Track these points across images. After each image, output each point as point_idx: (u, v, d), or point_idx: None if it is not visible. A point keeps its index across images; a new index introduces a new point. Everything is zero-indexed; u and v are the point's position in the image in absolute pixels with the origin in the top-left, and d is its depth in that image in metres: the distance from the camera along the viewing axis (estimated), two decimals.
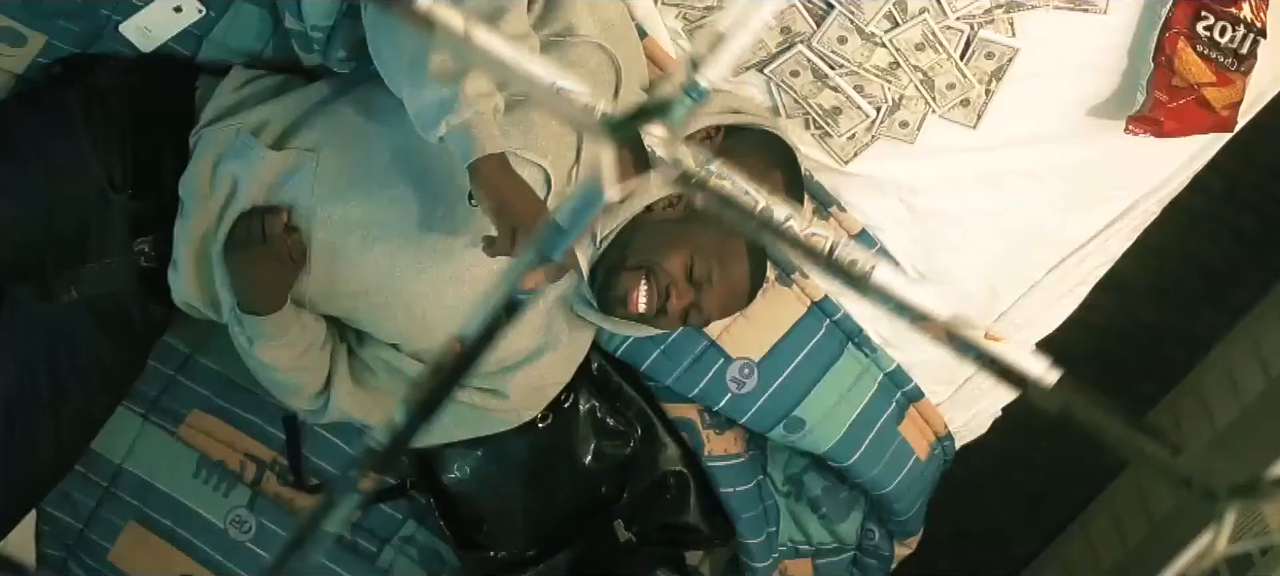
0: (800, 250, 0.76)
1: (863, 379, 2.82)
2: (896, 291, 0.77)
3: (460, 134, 2.09)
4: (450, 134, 2.09)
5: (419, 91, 2.13)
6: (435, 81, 2.09)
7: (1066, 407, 0.79)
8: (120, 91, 2.51)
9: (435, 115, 2.10)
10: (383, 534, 3.08)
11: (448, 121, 2.08)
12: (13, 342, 2.57)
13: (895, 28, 2.56)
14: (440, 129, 2.09)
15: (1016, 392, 0.79)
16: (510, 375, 2.56)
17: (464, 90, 2.08)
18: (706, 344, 2.75)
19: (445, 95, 2.08)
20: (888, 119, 2.62)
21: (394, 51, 2.20)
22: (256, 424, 2.97)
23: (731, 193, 0.75)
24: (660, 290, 2.40)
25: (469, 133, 2.08)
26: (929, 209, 2.72)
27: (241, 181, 2.40)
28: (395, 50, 2.19)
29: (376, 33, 2.24)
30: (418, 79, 2.12)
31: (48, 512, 3.03)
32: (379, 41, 2.24)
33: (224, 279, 2.40)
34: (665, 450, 2.94)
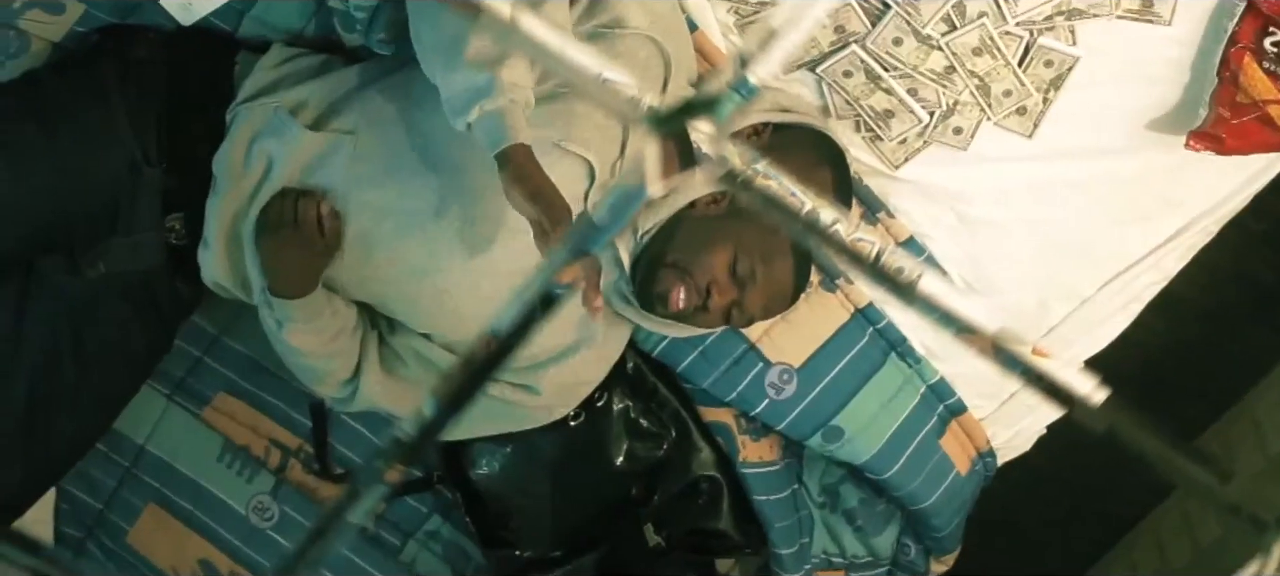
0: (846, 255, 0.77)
1: (905, 390, 2.82)
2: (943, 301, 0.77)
3: (493, 119, 2.09)
4: (481, 120, 2.09)
5: (453, 74, 2.13)
6: (472, 66, 2.10)
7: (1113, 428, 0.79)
8: (157, 64, 2.52)
9: (468, 99, 2.10)
10: (407, 527, 3.09)
11: (481, 106, 2.08)
12: (39, 316, 2.59)
13: (953, 31, 2.55)
14: (472, 113, 2.09)
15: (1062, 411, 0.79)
16: (543, 370, 2.56)
17: (500, 77, 2.08)
18: (745, 347, 2.75)
19: (481, 81, 2.09)
20: (941, 124, 2.61)
21: (433, 34, 2.20)
22: (283, 409, 2.99)
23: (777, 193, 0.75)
24: (701, 288, 2.40)
25: (502, 119, 2.08)
26: (979, 218, 2.71)
27: (277, 161, 2.41)
28: (434, 33, 2.20)
29: (418, 15, 2.25)
30: (454, 62, 2.13)
31: (67, 491, 3.06)
32: (419, 24, 2.24)
33: (255, 260, 2.41)
34: (699, 454, 2.94)
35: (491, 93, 2.08)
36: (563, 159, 2.31)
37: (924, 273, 0.77)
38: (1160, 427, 0.79)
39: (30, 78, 2.53)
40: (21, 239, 2.51)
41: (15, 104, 2.47)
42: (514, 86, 2.09)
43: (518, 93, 2.10)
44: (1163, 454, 0.80)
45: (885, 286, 0.78)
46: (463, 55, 2.11)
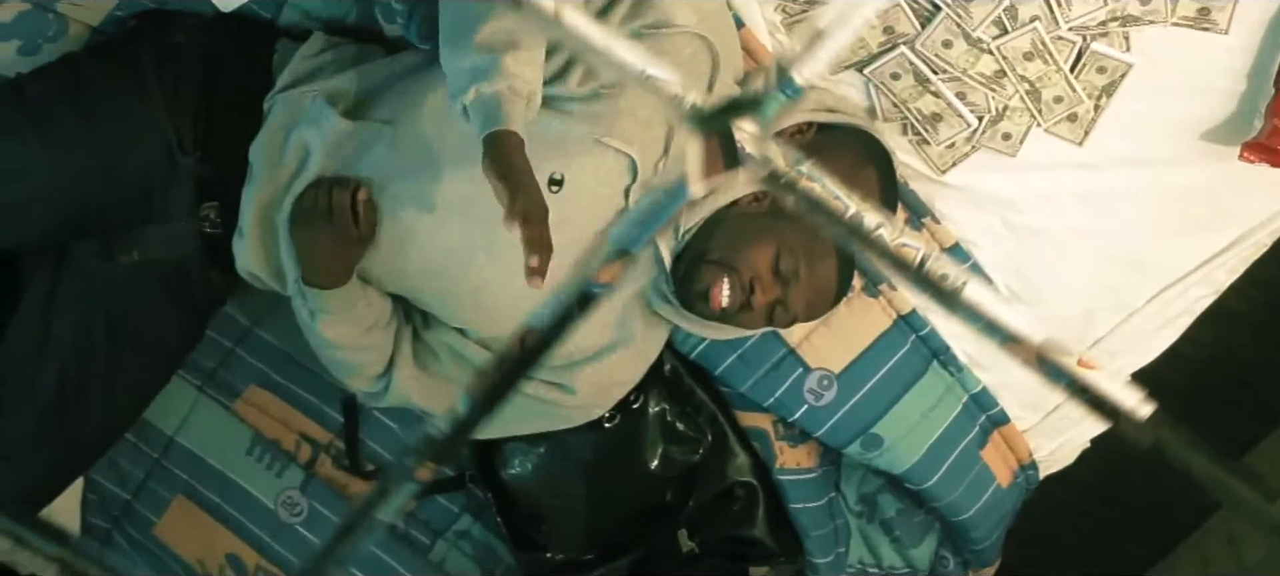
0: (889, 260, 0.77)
1: (946, 399, 2.82)
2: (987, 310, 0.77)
3: (489, 102, 2.08)
4: (477, 101, 2.09)
5: (459, 54, 2.13)
6: (478, 48, 2.10)
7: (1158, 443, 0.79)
8: (196, 50, 2.54)
9: (468, 80, 2.09)
10: (437, 526, 3.10)
11: (478, 87, 2.08)
12: (71, 301, 2.61)
13: (1004, 35, 2.55)
14: (469, 94, 2.09)
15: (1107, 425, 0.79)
16: (579, 370, 2.57)
17: (504, 61, 2.08)
18: (785, 351, 2.75)
19: (483, 62, 2.08)
20: (990, 129, 2.61)
21: (451, 18, 2.20)
22: (314, 404, 3.00)
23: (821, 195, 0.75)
24: (744, 285, 2.40)
25: (499, 103, 2.07)
26: (1027, 226, 2.71)
27: (313, 150, 2.42)
28: (452, 17, 2.20)
29: (445, 7, 2.25)
30: (462, 42, 2.13)
31: (95, 481, 3.07)
32: (444, 8, 2.24)
33: (289, 249, 2.43)
34: (735, 459, 2.94)
35: (490, 76, 2.07)
36: (605, 155, 2.31)
37: (969, 280, 0.78)
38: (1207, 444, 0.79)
39: (67, 61, 2.55)
40: (56, 224, 2.52)
41: (52, 88, 2.49)
42: (516, 76, 2.09)
43: (520, 83, 2.09)
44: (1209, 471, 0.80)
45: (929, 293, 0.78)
46: (473, 36, 2.11)
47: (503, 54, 2.08)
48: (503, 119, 2.06)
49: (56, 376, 2.61)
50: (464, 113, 2.11)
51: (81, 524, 3.10)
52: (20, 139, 2.44)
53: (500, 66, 2.07)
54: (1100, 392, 0.78)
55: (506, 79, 2.07)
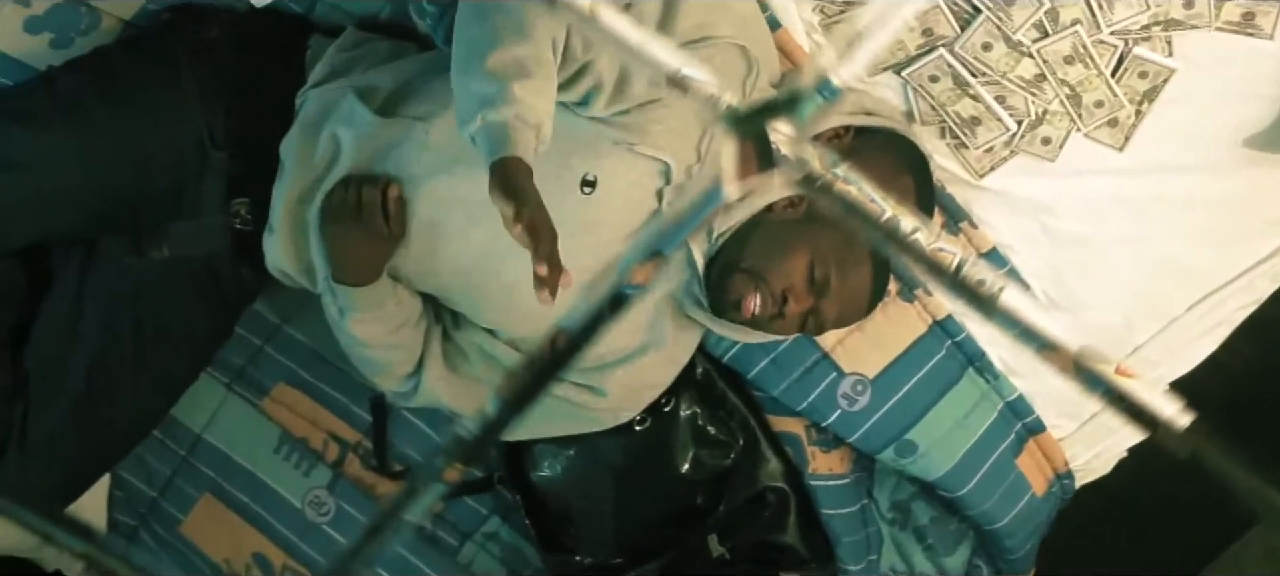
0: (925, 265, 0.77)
1: (981, 406, 2.81)
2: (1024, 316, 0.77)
3: (496, 130, 2.05)
4: (484, 129, 2.06)
5: (468, 79, 2.12)
6: (488, 75, 2.08)
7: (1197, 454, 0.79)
8: (228, 45, 2.54)
9: (475, 107, 2.07)
10: (465, 528, 3.10)
11: (485, 115, 2.05)
12: (100, 297, 2.61)
13: (1044, 38, 2.54)
14: (476, 122, 2.06)
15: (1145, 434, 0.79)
16: (609, 372, 2.57)
17: (512, 89, 2.05)
18: (819, 356, 2.75)
19: (491, 90, 2.06)
20: (1029, 133, 2.60)
21: (462, 40, 2.19)
22: (343, 403, 3.01)
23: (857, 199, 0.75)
24: (776, 297, 2.40)
25: (506, 131, 2.04)
26: (1065, 232, 2.70)
27: (345, 146, 2.43)
28: (464, 40, 2.19)
29: (461, 20, 2.24)
30: (472, 67, 2.11)
31: (122, 477, 3.08)
32: (459, 27, 2.23)
33: (319, 247, 2.43)
34: (767, 464, 2.94)
35: (498, 104, 2.04)
36: (636, 161, 2.32)
37: (1006, 286, 0.77)
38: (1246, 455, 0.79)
39: (100, 54, 2.56)
40: (86, 218, 2.53)
41: (84, 81, 2.50)
42: (525, 104, 2.06)
43: (528, 111, 2.05)
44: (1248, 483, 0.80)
45: (965, 298, 0.78)
46: (484, 61, 2.09)
47: (512, 82, 2.06)
48: (510, 146, 2.03)
49: (85, 372, 2.62)
50: (472, 141, 2.09)
51: (108, 520, 3.11)
52: (51, 132, 2.45)
53: (509, 94, 2.05)
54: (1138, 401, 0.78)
55: (515, 107, 2.04)
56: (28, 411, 2.61)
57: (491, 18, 2.13)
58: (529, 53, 2.09)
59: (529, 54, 2.09)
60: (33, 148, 2.46)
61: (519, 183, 2.00)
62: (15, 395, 2.61)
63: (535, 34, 2.11)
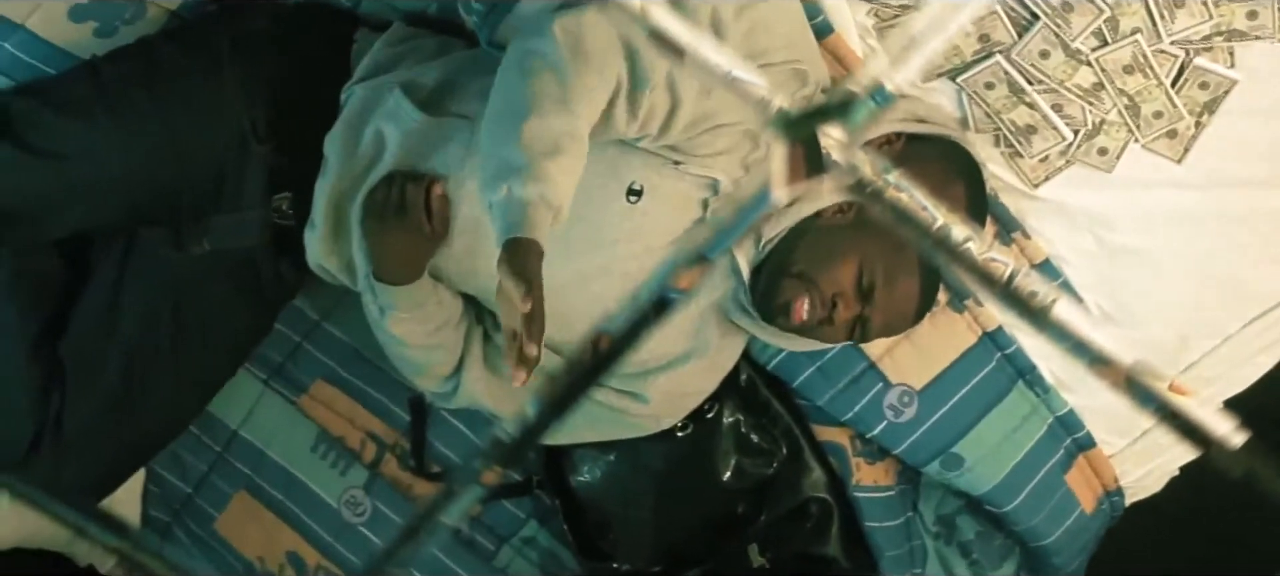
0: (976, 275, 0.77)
1: (1031, 420, 2.80)
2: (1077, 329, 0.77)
3: (517, 206, 2.04)
4: (506, 201, 2.05)
5: (499, 142, 2.11)
6: (521, 144, 2.07)
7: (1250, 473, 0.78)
8: (274, 38, 2.55)
9: (502, 175, 2.06)
10: (502, 532, 3.10)
11: (511, 186, 2.04)
12: (139, 290, 2.62)
13: (1103, 46, 2.53)
14: (499, 192, 2.05)
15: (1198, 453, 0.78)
16: (652, 378, 2.57)
17: (544, 166, 2.05)
18: (865, 365, 2.75)
19: (522, 159, 2.05)
20: (1086, 143, 2.59)
21: (501, 99, 2.19)
22: (381, 402, 3.01)
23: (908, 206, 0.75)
24: (826, 301, 2.39)
25: (525, 210, 2.03)
26: (1120, 245, 2.68)
27: (389, 143, 2.43)
28: (502, 99, 2.19)
29: (507, 68, 2.24)
30: (505, 130, 2.11)
31: (157, 473, 3.10)
32: (503, 77, 2.23)
33: (361, 244, 2.43)
34: (810, 474, 2.93)
35: (525, 178, 2.04)
36: (681, 179, 2.31)
37: (1058, 298, 0.77)
38: None
39: (144, 44, 2.57)
40: (127, 209, 2.54)
41: (128, 70, 2.51)
42: (552, 183, 2.05)
43: (552, 193, 2.05)
44: None
45: (1017, 310, 0.78)
46: (517, 131, 2.08)
47: (544, 159, 2.05)
48: (527, 227, 2.03)
49: (122, 365, 2.62)
50: (489, 206, 2.09)
51: (142, 516, 3.12)
52: (93, 121, 2.46)
53: (538, 171, 2.04)
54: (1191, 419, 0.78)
55: (541, 186, 2.04)
56: (64, 404, 2.62)
57: (536, 79, 2.14)
58: (565, 127, 2.09)
59: (565, 129, 2.09)
60: (75, 137, 2.47)
61: (530, 266, 2.01)
62: (51, 387, 2.62)
63: (576, 107, 2.12)
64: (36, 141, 2.46)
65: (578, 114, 2.11)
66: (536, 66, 2.14)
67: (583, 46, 2.14)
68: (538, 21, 2.22)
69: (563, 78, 2.11)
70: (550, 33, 2.16)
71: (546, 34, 2.16)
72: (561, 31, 2.15)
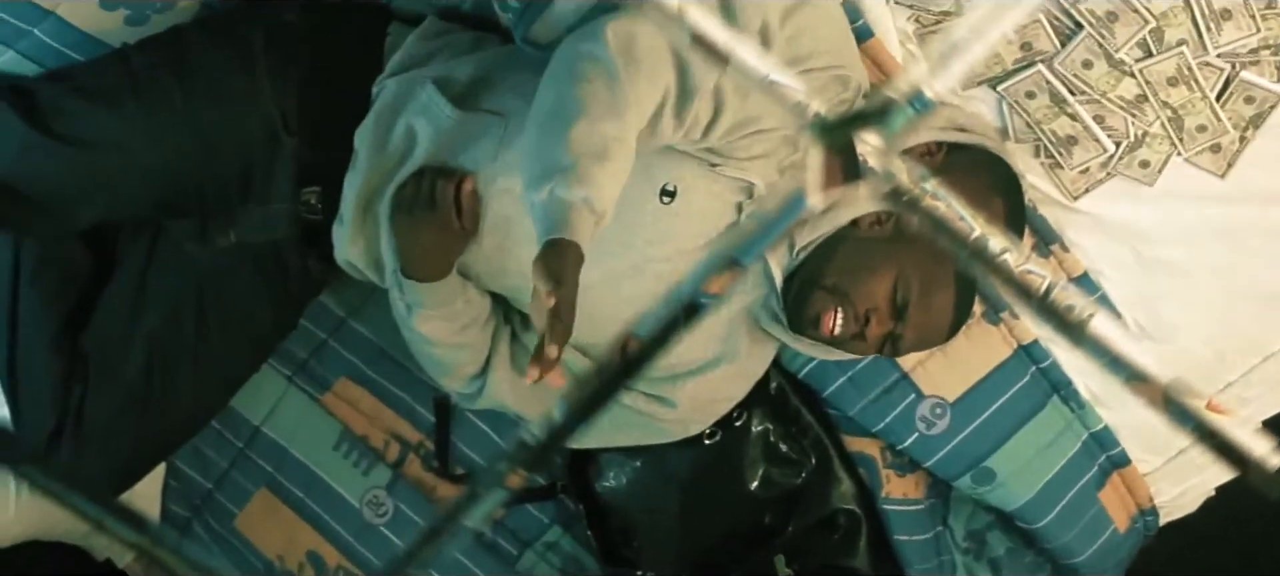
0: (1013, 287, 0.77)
1: (1065, 436, 2.79)
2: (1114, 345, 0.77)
3: (559, 207, 2.03)
4: (548, 202, 2.04)
5: (545, 142, 2.10)
6: (567, 145, 2.06)
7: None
8: (306, 30, 2.55)
9: (546, 175, 2.05)
10: (525, 536, 3.10)
11: (554, 188, 2.03)
12: (164, 282, 2.63)
13: (1148, 57, 2.51)
14: (542, 192, 2.04)
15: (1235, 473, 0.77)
16: (681, 383, 2.57)
17: (589, 168, 2.03)
18: (898, 376, 2.74)
19: (567, 160, 2.04)
20: (1127, 156, 2.58)
21: (550, 92, 2.19)
22: (406, 402, 3.01)
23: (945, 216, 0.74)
24: (857, 314, 2.38)
25: (568, 212, 2.02)
26: (1160, 259, 2.67)
27: (421, 138, 2.42)
28: (551, 96, 2.18)
29: (555, 69, 2.23)
30: (552, 131, 2.10)
31: (178, 468, 3.10)
32: (551, 77, 2.22)
33: (389, 239, 2.43)
34: (839, 485, 2.93)
35: (570, 180, 2.02)
36: (716, 181, 2.31)
37: (1095, 312, 0.77)
38: None
39: (175, 34, 2.57)
40: (153, 200, 2.55)
41: (158, 60, 2.51)
42: (597, 187, 2.03)
43: (596, 198, 2.03)
44: None
45: (1053, 324, 0.78)
46: (565, 133, 2.07)
47: (590, 162, 2.04)
48: (568, 229, 2.01)
49: (144, 357, 2.63)
50: (530, 206, 2.08)
51: (161, 511, 3.12)
52: (122, 110, 2.46)
53: (583, 174, 2.03)
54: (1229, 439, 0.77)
55: (586, 188, 2.02)
56: (85, 396, 2.62)
57: (585, 84, 2.13)
58: (613, 133, 2.08)
59: (613, 134, 2.08)
60: (102, 126, 2.47)
61: (564, 267, 2.00)
62: (73, 378, 2.63)
63: (626, 115, 2.10)
64: (63, 129, 2.46)
65: (627, 121, 2.10)
66: (588, 70, 2.13)
67: (635, 52, 2.14)
68: (590, 24, 2.22)
69: (614, 83, 2.10)
70: (603, 37, 2.15)
71: (599, 38, 2.16)
72: (614, 36, 2.15)
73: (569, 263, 2.00)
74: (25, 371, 2.66)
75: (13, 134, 2.46)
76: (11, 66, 2.57)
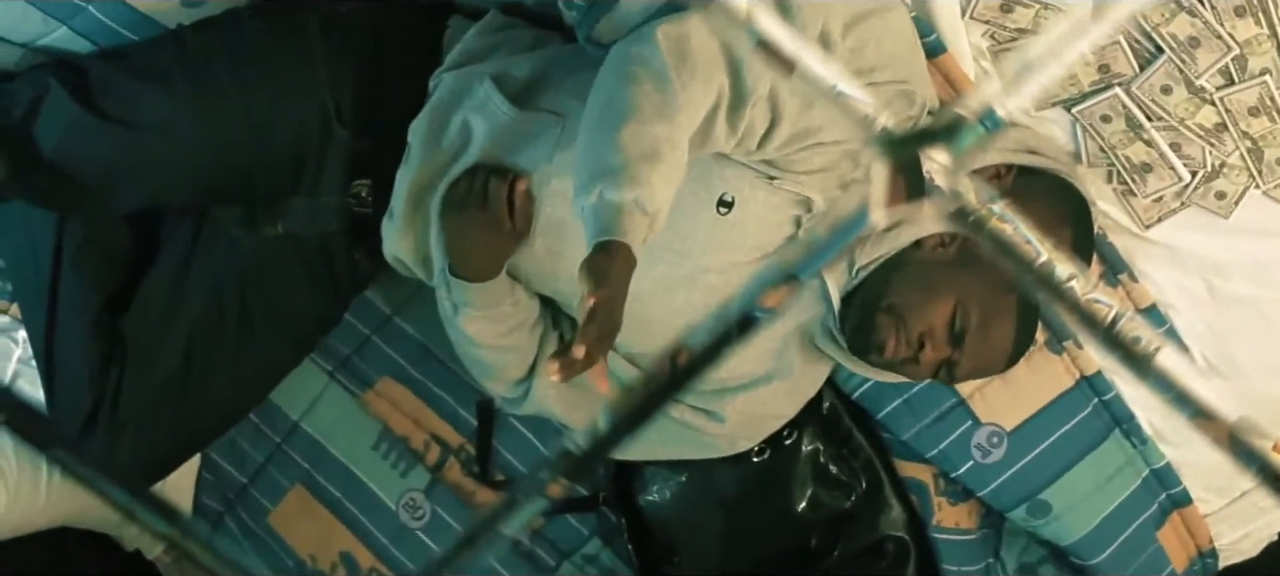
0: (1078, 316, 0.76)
1: (1125, 471, 2.78)
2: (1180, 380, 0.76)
3: (609, 209, 2.01)
4: (598, 205, 2.02)
5: (596, 144, 2.10)
6: (618, 146, 2.05)
7: None
8: (364, 19, 2.56)
9: (596, 177, 2.04)
10: (564, 547, 3.10)
11: (604, 190, 2.01)
12: (207, 270, 2.64)
13: (1230, 86, 2.49)
14: (592, 195, 2.03)
15: None
16: (730, 398, 2.56)
17: (640, 169, 2.02)
18: (955, 402, 2.73)
19: (617, 162, 2.03)
20: (1203, 186, 2.56)
21: (601, 94, 2.18)
22: (448, 404, 3.02)
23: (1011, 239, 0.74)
24: (913, 341, 2.36)
25: (619, 214, 2.01)
26: (1232, 294, 2.65)
27: (476, 135, 2.42)
28: (603, 94, 2.18)
29: (607, 71, 2.23)
30: (602, 132, 2.10)
31: (213, 460, 3.11)
32: (604, 78, 2.22)
33: (439, 236, 2.43)
34: (889, 511, 2.92)
35: (621, 182, 2.01)
36: (774, 193, 2.30)
37: (1163, 345, 0.76)
38: None
39: (231, 17, 2.58)
40: (200, 185, 2.56)
41: (213, 43, 2.52)
42: (648, 188, 2.02)
43: (648, 199, 2.02)
44: None
45: (1118, 355, 0.77)
46: (615, 135, 2.06)
47: (641, 163, 2.03)
48: (619, 231, 2.00)
49: (184, 345, 2.64)
50: (581, 211, 2.06)
51: (194, 503, 3.13)
52: (173, 93, 2.48)
53: (634, 175, 2.01)
54: None
55: (637, 190, 2.01)
56: (122, 381, 2.63)
57: (635, 87, 2.12)
58: (666, 134, 2.07)
59: (665, 136, 2.07)
60: (152, 107, 2.48)
61: (612, 270, 1.99)
62: (111, 363, 2.64)
63: (678, 116, 2.09)
64: (113, 109, 2.47)
65: (678, 122, 2.09)
66: (638, 72, 2.13)
67: (687, 55, 2.13)
68: (641, 27, 2.21)
69: (665, 84, 2.10)
70: (654, 39, 2.15)
71: (650, 40, 2.15)
72: (665, 38, 2.14)
73: (618, 265, 1.99)
74: (62, 354, 2.67)
75: (61, 112, 2.47)
76: (64, 43, 2.58)
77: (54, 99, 2.48)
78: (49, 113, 2.49)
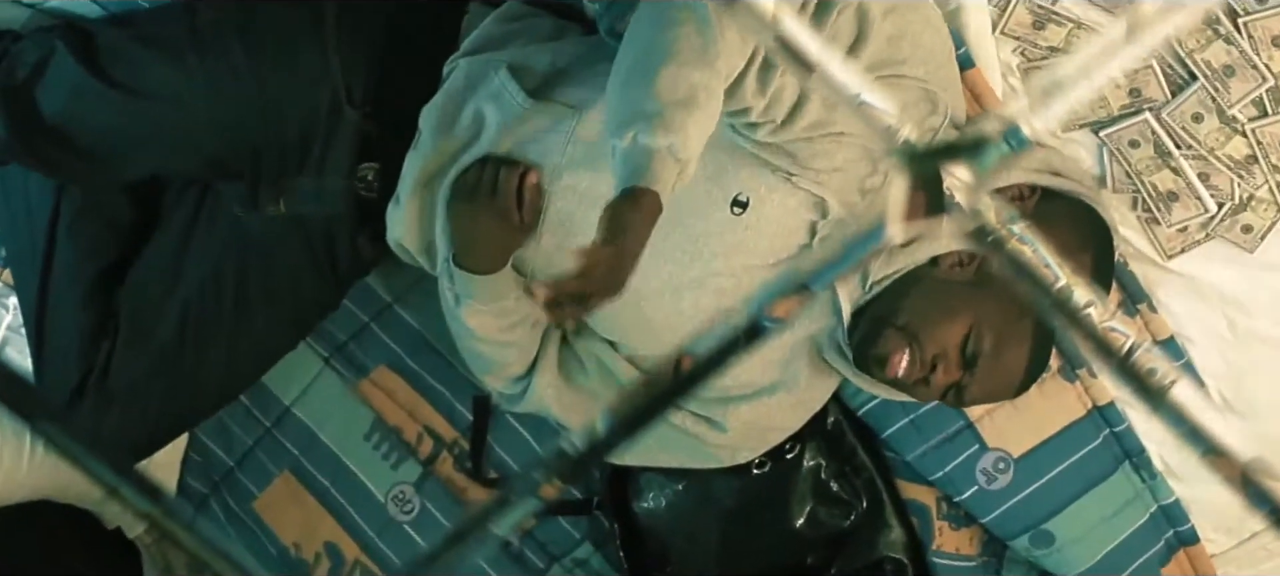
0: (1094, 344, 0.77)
1: (1132, 505, 2.78)
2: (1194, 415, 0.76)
3: (641, 154, 1.99)
4: (630, 149, 2.00)
5: (631, 86, 2.08)
6: (655, 90, 2.03)
7: None
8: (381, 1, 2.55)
9: (630, 120, 2.02)
10: (554, 550, 3.09)
11: (638, 133, 1.99)
12: (206, 246, 2.64)
13: (1263, 117, 2.49)
14: (625, 137, 2.00)
15: None
16: (733, 406, 2.56)
17: (675, 116, 2.00)
18: (963, 425, 2.74)
19: (652, 107, 2.01)
20: (1229, 218, 2.56)
21: (637, 39, 2.16)
22: (445, 396, 3.00)
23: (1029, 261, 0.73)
24: (924, 362, 2.36)
25: (651, 160, 1.99)
26: (1253, 331, 2.66)
27: (489, 124, 2.42)
28: (639, 38, 2.16)
29: (642, 16, 2.20)
30: (639, 75, 2.08)
31: (201, 441, 3.10)
32: (638, 23, 2.20)
33: (444, 225, 2.43)
34: (888, 532, 2.91)
35: (655, 126, 1.99)
36: (793, 192, 2.29)
37: (1178, 379, 0.76)
38: None
39: None
40: (205, 160, 2.56)
41: (224, 16, 2.52)
42: (682, 136, 2.00)
43: (681, 146, 2.00)
44: None
45: (1132, 386, 0.77)
46: (653, 78, 2.04)
47: (677, 109, 2.01)
48: (650, 178, 1.98)
49: (178, 320, 2.64)
50: (612, 152, 2.05)
51: (178, 484, 3.12)
52: (182, 65, 2.48)
53: (669, 121, 2.00)
54: None
55: (671, 137, 1.99)
56: (113, 353, 2.63)
57: (676, 29, 2.09)
58: (702, 80, 2.05)
59: (702, 82, 2.05)
60: (160, 77, 2.48)
61: (639, 222, 1.98)
62: (102, 334, 2.64)
63: (716, 62, 2.07)
64: (120, 76, 2.47)
65: (717, 68, 2.07)
66: (679, 15, 2.10)
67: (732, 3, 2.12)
68: None
69: (705, 29, 2.07)
70: None
71: None
72: None
73: (643, 213, 1.98)
74: (53, 322, 2.67)
75: (67, 75, 2.47)
76: (72, 4, 2.58)
77: (60, 62, 2.48)
78: (54, 76, 2.48)
